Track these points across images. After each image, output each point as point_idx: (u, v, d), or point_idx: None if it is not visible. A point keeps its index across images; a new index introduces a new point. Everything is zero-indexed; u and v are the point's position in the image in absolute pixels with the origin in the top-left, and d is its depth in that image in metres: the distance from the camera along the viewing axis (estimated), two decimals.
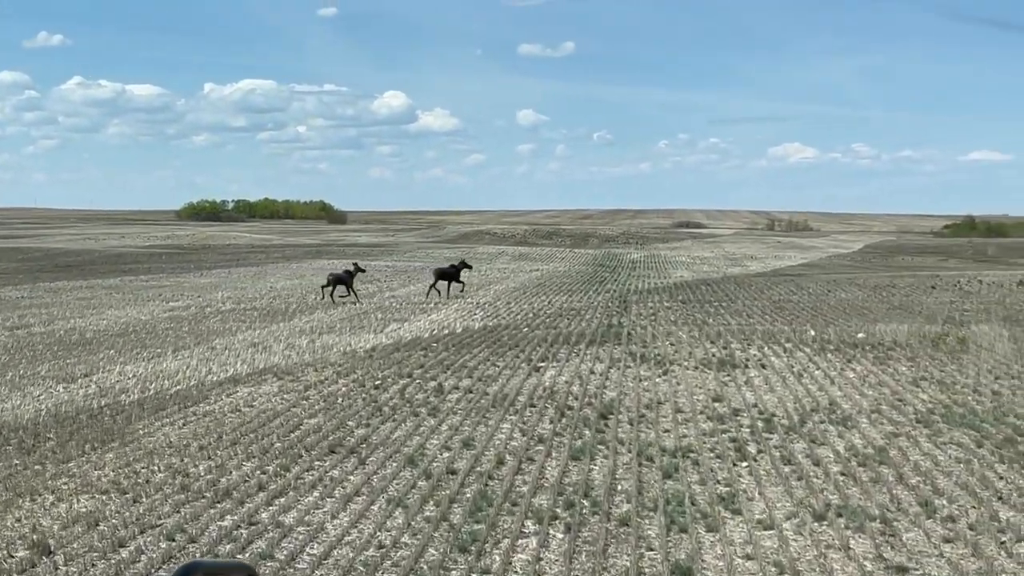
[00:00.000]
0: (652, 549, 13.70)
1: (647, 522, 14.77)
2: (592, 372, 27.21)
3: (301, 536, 14.19)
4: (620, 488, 16.51)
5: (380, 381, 25.73)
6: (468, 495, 16.10)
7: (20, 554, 13.58)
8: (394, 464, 17.96)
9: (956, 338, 33.26)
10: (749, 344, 32.60)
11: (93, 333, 35.93)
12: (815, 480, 16.93)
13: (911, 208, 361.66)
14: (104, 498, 15.99)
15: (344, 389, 24.83)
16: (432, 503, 15.66)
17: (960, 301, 49.68)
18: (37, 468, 17.88)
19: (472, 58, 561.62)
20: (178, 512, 15.23)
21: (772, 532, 14.32)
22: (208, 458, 18.41)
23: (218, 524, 14.69)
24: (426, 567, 13.01)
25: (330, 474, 17.34)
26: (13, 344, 33.01)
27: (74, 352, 31.33)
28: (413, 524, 14.61)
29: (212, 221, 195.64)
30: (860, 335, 34.26)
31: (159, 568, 13.00)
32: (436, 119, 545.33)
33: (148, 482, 16.83)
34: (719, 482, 16.85)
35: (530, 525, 14.60)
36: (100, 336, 35.18)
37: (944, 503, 15.65)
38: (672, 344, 32.68)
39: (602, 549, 13.59)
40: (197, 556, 13.16)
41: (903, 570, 12.93)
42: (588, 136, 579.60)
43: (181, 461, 18.14)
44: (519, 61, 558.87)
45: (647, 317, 41.68)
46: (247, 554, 13.44)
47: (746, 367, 28.08)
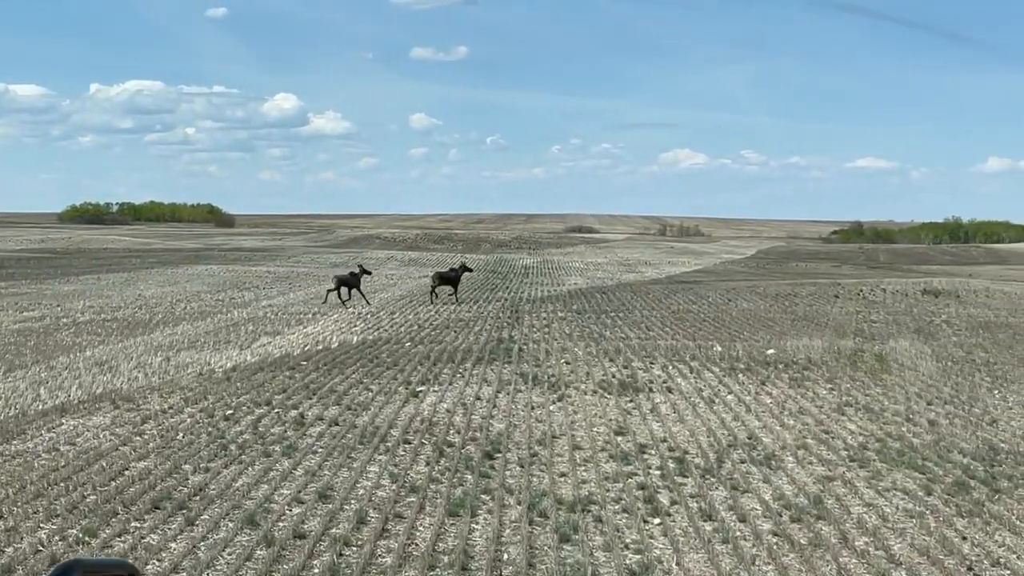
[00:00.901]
0: None
1: None
2: (478, 398, 24.03)
3: None
4: (507, 558, 13.34)
5: (232, 410, 22.25)
6: (316, 571, 12.82)
7: None
8: (230, 524, 14.57)
9: (874, 355, 30.71)
10: (652, 362, 29.70)
11: None
12: (743, 543, 13.91)
13: (799, 214, 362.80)
14: None
15: (189, 421, 21.32)
16: None
17: (866, 311, 47.48)
18: None
19: (364, 61, 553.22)
20: None
21: None
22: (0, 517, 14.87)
23: None
24: None
25: (147, 540, 13.88)
26: None
27: None
28: None
29: (95, 224, 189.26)
30: (770, 351, 31.58)
31: None
32: (328, 122, 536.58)
33: None
34: (628, 547, 13.76)
35: None
36: None
37: None
38: (567, 362, 29.65)
39: None
40: None
41: None
42: (481, 140, 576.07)
43: None
44: (411, 65, 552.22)
45: (540, 329, 38.67)
46: None
47: (650, 391, 25.12)
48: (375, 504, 15.57)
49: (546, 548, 13.67)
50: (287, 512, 15.15)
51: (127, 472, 17.29)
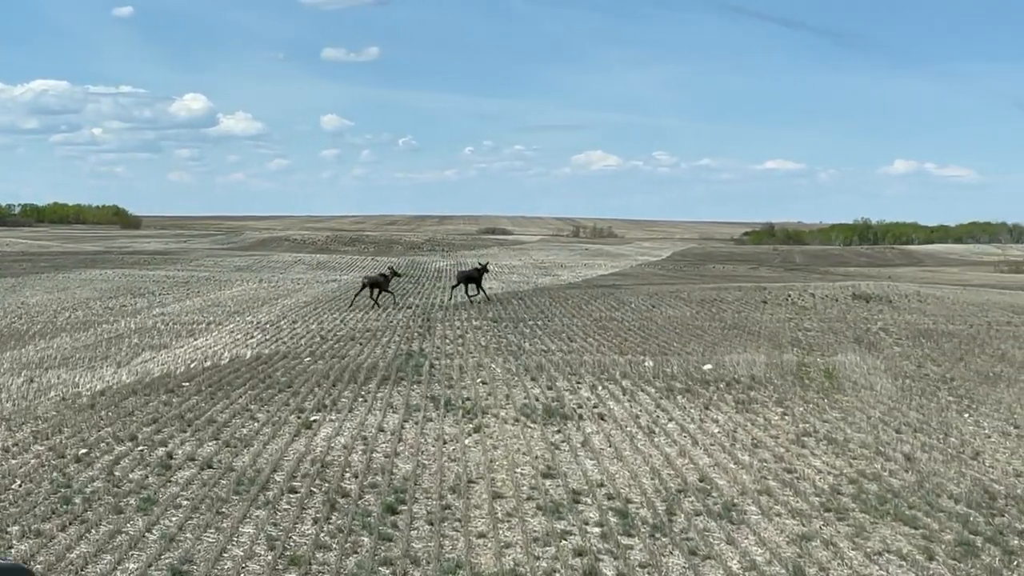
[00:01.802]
0: None
1: None
2: (381, 429, 20.69)
3: None
4: None
5: (88, 449, 18.69)
6: None
7: None
8: None
9: (822, 372, 27.87)
10: (579, 381, 26.58)
11: None
12: None
13: (710, 215, 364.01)
14: None
15: (33, 463, 17.74)
16: None
17: (798, 318, 44.83)
18: None
19: (274, 61, 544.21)
20: None
21: None
22: None
23: None
24: None
25: None
26: None
27: None
28: None
29: None
30: (708, 367, 28.64)
31: None
32: (238, 123, 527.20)
33: None
34: None
35: None
36: None
37: None
38: (484, 382, 26.43)
39: None
40: None
41: None
42: (393, 142, 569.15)
43: None
44: (322, 65, 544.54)
45: (454, 341, 35.43)
46: None
47: (580, 418, 21.95)
48: None
49: None
50: None
51: None
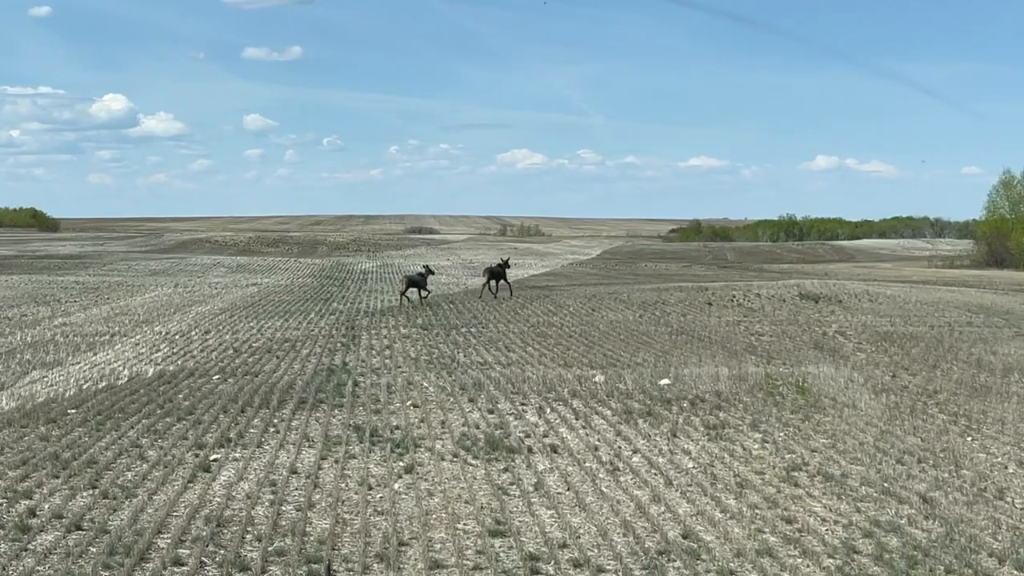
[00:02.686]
0: None
1: None
2: (294, 471, 17.38)
3: None
4: None
5: None
6: None
7: None
8: None
9: (793, 386, 24.98)
10: (523, 403, 23.45)
11: None
12: None
13: (636, 212, 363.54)
14: None
15: None
16: None
17: (747, 321, 42.11)
18: None
19: (195, 61, 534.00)
20: None
21: None
22: None
23: None
24: None
25: None
26: None
27: None
28: None
29: None
30: (664, 382, 25.66)
31: None
32: (159, 123, 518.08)
33: None
34: None
35: None
36: None
37: None
38: (416, 405, 23.22)
39: None
40: None
41: None
42: (318, 141, 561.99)
43: None
44: (245, 65, 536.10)
45: (380, 352, 32.20)
46: None
47: (530, 451, 18.78)
48: None
49: None
50: None
51: None
